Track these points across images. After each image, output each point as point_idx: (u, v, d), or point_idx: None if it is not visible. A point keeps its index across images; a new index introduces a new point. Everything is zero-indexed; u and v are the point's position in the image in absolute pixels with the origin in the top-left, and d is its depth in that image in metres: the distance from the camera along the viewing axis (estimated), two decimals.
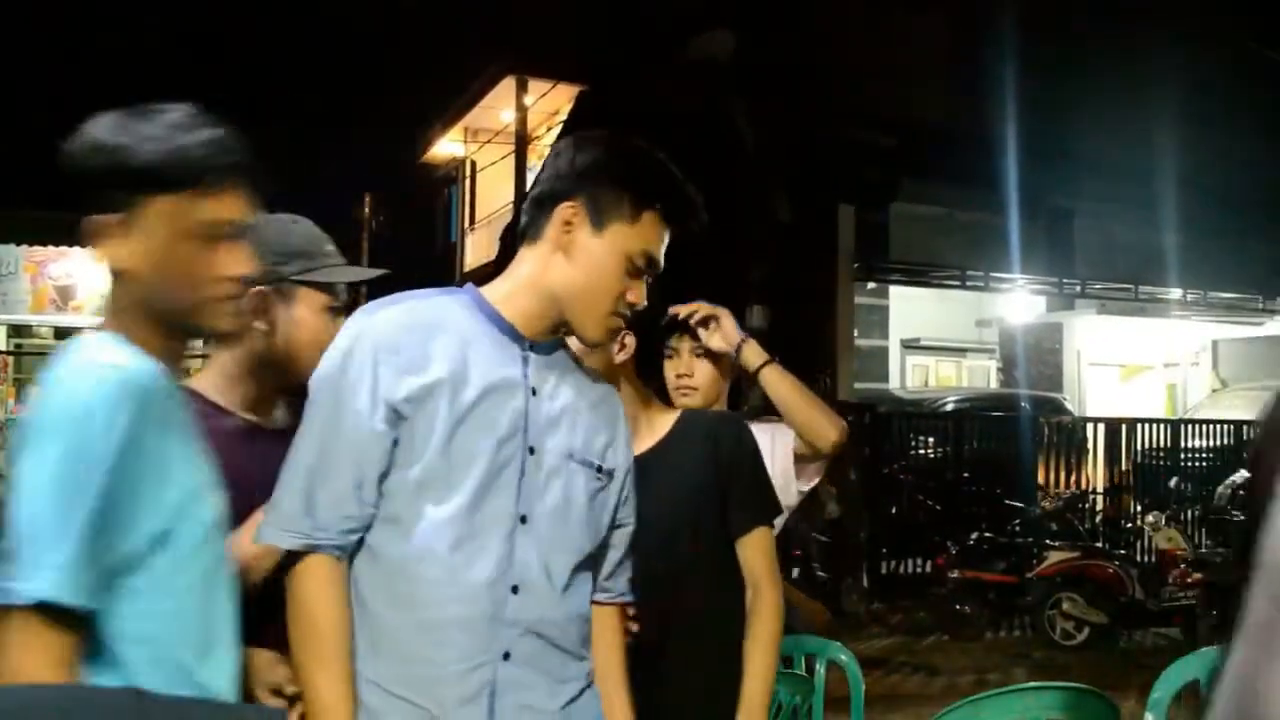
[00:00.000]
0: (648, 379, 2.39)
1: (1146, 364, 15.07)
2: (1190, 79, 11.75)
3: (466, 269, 21.08)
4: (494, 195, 19.99)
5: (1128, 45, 11.54)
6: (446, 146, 21.55)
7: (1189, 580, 7.41)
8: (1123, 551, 8.24)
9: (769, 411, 2.71)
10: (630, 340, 2.20)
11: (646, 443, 2.20)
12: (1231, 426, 10.86)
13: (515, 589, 1.60)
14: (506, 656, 1.59)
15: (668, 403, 2.51)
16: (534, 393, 1.65)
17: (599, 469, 1.72)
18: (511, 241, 1.81)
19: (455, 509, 1.58)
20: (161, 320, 1.51)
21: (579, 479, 1.69)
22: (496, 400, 1.61)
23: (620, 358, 2.19)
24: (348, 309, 1.96)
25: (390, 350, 1.59)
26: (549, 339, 1.70)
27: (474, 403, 1.59)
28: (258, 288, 1.94)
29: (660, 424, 2.27)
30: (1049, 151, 11.27)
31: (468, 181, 21.73)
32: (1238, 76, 12.11)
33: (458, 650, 1.58)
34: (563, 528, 1.66)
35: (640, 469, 1.95)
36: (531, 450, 1.63)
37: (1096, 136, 11.81)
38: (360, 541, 1.62)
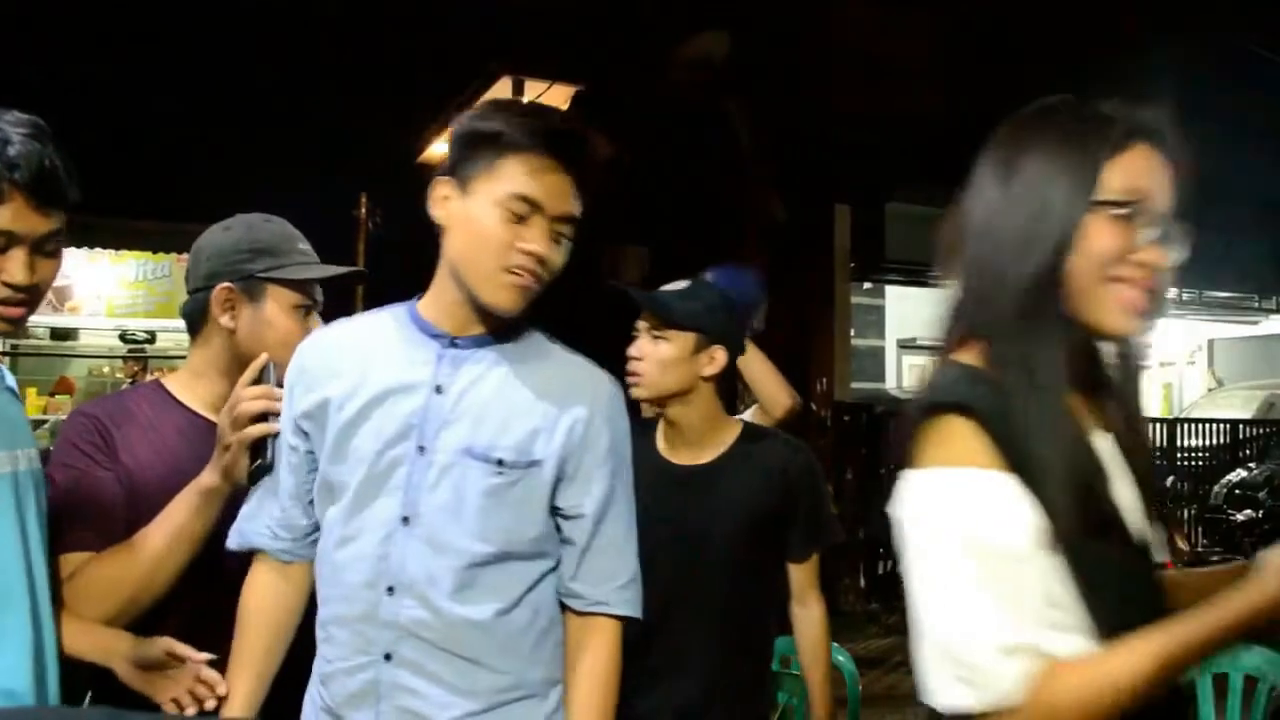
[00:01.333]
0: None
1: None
2: (1186, 77, 11.77)
3: None
4: None
5: (1123, 43, 11.56)
6: (442, 147, 21.53)
7: None
8: None
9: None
10: (721, 355, 2.32)
11: (709, 455, 2.35)
12: (1227, 425, 10.88)
13: (391, 590, 1.62)
14: (389, 658, 1.62)
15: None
16: (439, 390, 1.66)
17: (500, 462, 1.63)
18: None
19: (340, 511, 1.67)
20: None
21: (472, 475, 1.63)
22: (389, 404, 1.66)
23: (708, 371, 2.33)
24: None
25: (301, 371, 1.74)
26: (479, 332, 1.70)
27: (361, 410, 1.66)
28: (225, 285, 1.95)
29: (726, 436, 2.38)
30: None
31: None
32: (1234, 75, 12.14)
33: (343, 649, 1.65)
34: (452, 527, 1.62)
35: (700, 480, 2.28)
36: (421, 450, 1.64)
37: None
38: None
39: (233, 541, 1.79)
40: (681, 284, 2.42)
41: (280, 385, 1.79)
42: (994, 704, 1.15)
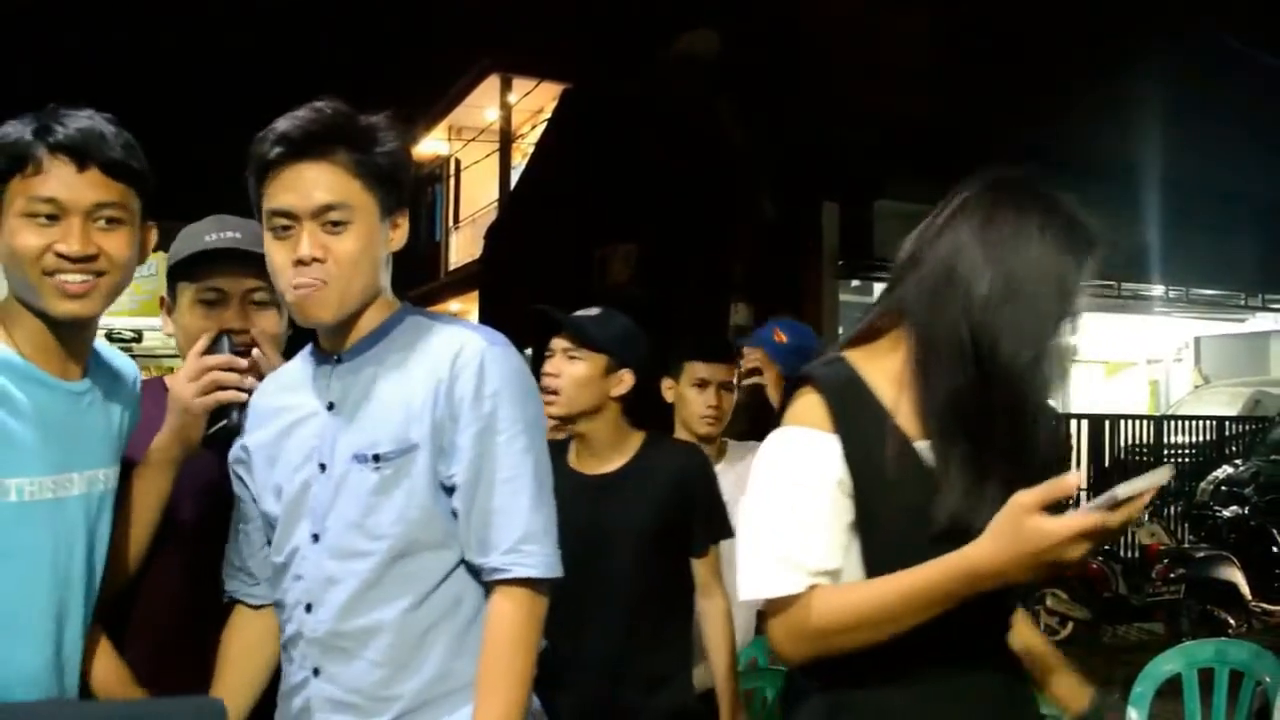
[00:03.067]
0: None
1: (1129, 360, 15.15)
2: (1173, 76, 11.81)
3: (451, 268, 21.05)
4: (478, 194, 19.96)
5: (1111, 42, 11.59)
6: (430, 145, 21.51)
7: (1172, 576, 7.45)
8: (1106, 547, 8.27)
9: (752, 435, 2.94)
10: (629, 378, 2.54)
11: (616, 463, 2.56)
12: (1214, 422, 10.92)
13: (309, 607, 1.67)
14: (316, 673, 1.67)
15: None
16: (331, 407, 1.69)
17: (377, 458, 1.63)
18: (496, 241, 1.83)
19: (274, 541, 1.74)
20: (24, 305, 1.58)
21: (356, 478, 1.64)
22: (295, 434, 1.71)
23: (617, 391, 2.53)
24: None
25: (249, 417, 1.80)
26: (355, 340, 1.70)
27: (275, 444, 1.73)
28: (161, 295, 1.95)
29: (630, 447, 2.58)
30: (1032, 148, 11.31)
31: (452, 180, 21.70)
32: (1220, 74, 12.18)
33: (289, 668, 1.72)
34: (350, 534, 1.64)
35: (610, 485, 2.49)
36: (323, 468, 1.67)
37: (1079, 133, 11.85)
38: None
39: (226, 594, 1.86)
40: (595, 310, 2.62)
41: (238, 354, 1.82)
42: (772, 600, 1.47)
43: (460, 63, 18.29)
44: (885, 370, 1.55)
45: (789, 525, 1.47)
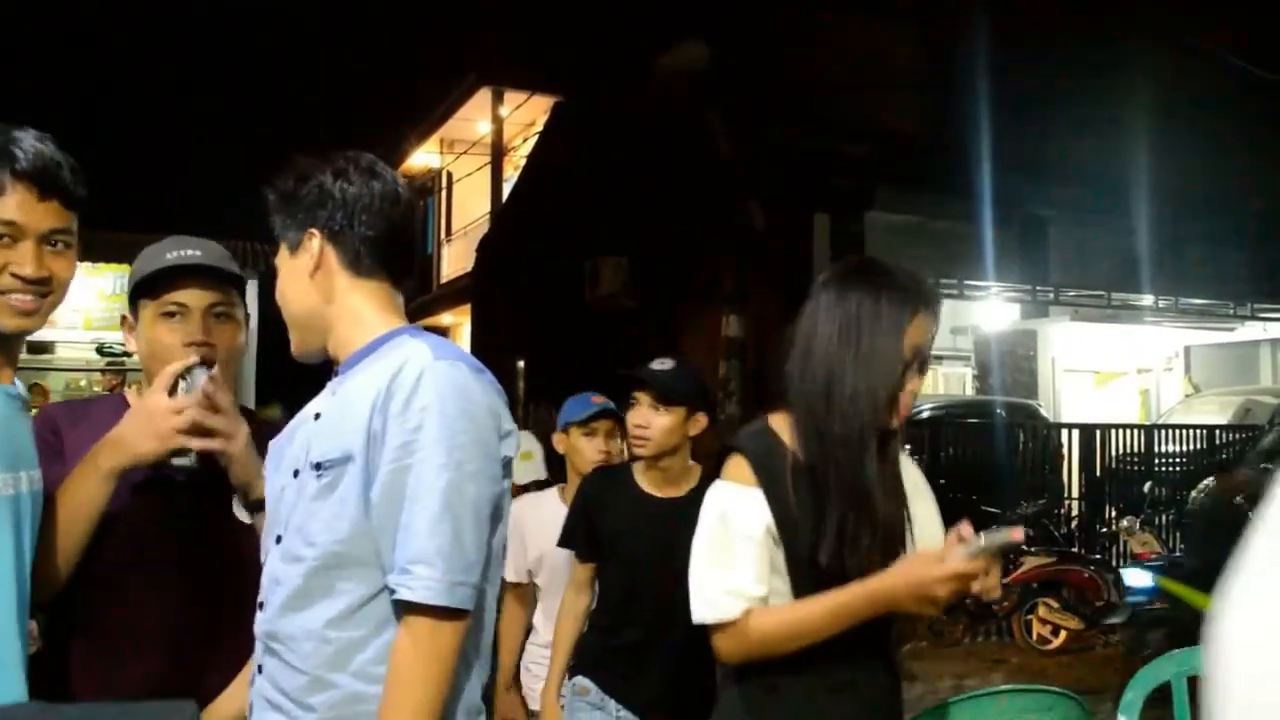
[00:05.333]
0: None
1: (1120, 370, 15.18)
2: (1164, 87, 11.87)
3: (443, 280, 21.05)
4: (470, 206, 19.97)
5: (1102, 53, 11.65)
6: (422, 158, 21.52)
7: None
8: (1098, 556, 8.29)
9: None
10: (703, 419, 2.97)
11: (684, 488, 2.97)
12: (1204, 431, 10.95)
13: (262, 605, 1.72)
14: (260, 670, 1.71)
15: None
16: (318, 417, 1.74)
17: (318, 466, 1.65)
18: (488, 253, 1.86)
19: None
20: None
21: (308, 484, 1.67)
22: (294, 440, 1.76)
23: (694, 432, 2.97)
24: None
25: None
26: (348, 353, 1.77)
27: (278, 451, 1.79)
28: (122, 314, 2.01)
29: (694, 476, 2.99)
30: (1023, 160, 11.36)
31: (444, 193, 21.70)
32: (1211, 85, 12.25)
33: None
34: (294, 538, 1.68)
35: (681, 507, 2.73)
36: (296, 474, 1.70)
37: (1071, 145, 11.91)
38: None
39: None
40: (669, 363, 2.98)
41: (211, 389, 1.86)
42: (719, 622, 1.91)
43: (452, 76, 18.33)
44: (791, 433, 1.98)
45: (729, 564, 1.91)
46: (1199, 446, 10.80)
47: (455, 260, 20.51)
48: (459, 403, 1.63)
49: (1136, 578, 7.17)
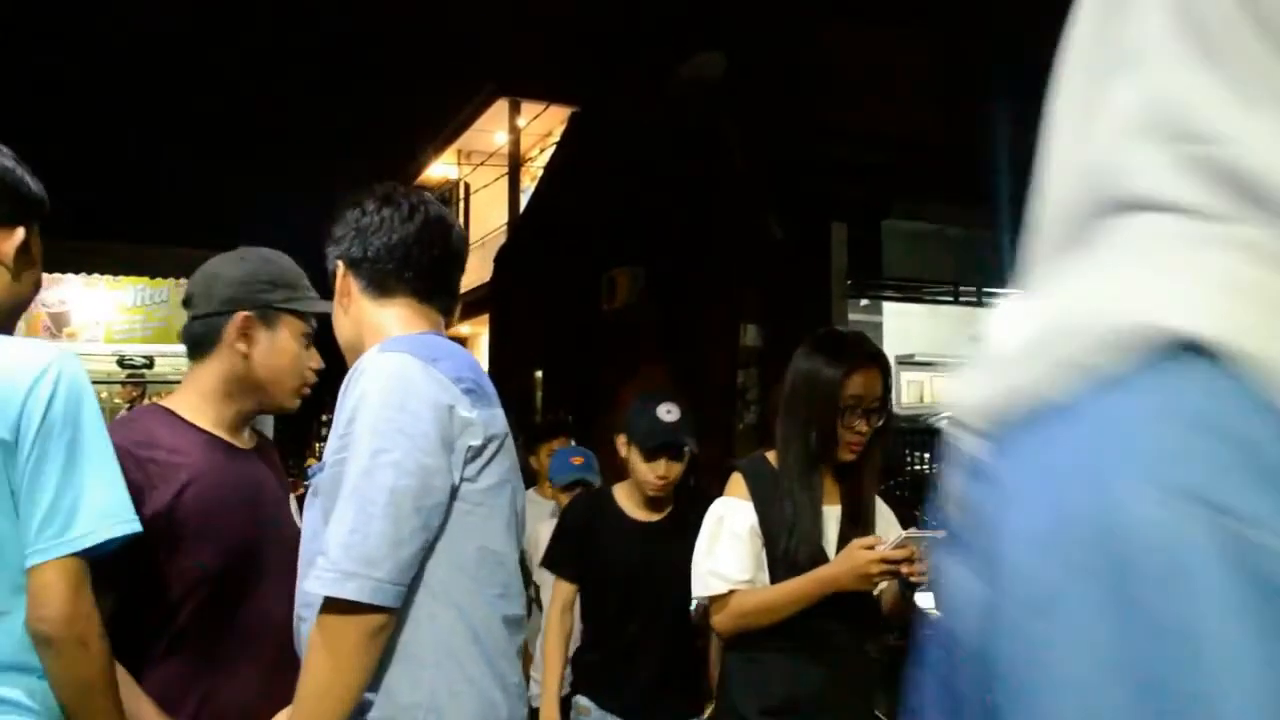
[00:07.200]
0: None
1: None
2: None
3: (461, 291, 21.10)
4: (488, 217, 20.04)
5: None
6: (440, 169, 21.61)
7: None
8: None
9: None
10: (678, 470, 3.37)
11: (663, 512, 3.41)
12: None
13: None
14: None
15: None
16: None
17: (319, 471, 1.76)
18: (506, 264, 1.89)
19: None
20: None
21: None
22: None
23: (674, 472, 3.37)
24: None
25: None
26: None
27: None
28: (243, 312, 2.00)
29: (670, 499, 3.41)
30: (1041, 166, 11.31)
31: (462, 204, 21.78)
32: None
33: None
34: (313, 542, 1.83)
35: (658, 531, 3.36)
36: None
37: None
38: None
39: None
40: (674, 410, 3.25)
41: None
42: (710, 598, 2.58)
43: (470, 87, 18.41)
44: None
45: (719, 554, 2.59)
46: None
47: (473, 271, 20.51)
48: (393, 393, 1.62)
49: None
